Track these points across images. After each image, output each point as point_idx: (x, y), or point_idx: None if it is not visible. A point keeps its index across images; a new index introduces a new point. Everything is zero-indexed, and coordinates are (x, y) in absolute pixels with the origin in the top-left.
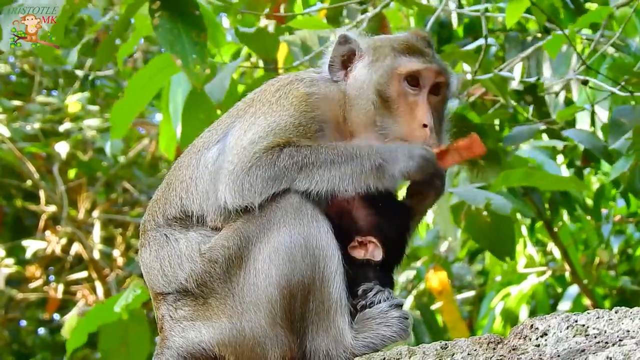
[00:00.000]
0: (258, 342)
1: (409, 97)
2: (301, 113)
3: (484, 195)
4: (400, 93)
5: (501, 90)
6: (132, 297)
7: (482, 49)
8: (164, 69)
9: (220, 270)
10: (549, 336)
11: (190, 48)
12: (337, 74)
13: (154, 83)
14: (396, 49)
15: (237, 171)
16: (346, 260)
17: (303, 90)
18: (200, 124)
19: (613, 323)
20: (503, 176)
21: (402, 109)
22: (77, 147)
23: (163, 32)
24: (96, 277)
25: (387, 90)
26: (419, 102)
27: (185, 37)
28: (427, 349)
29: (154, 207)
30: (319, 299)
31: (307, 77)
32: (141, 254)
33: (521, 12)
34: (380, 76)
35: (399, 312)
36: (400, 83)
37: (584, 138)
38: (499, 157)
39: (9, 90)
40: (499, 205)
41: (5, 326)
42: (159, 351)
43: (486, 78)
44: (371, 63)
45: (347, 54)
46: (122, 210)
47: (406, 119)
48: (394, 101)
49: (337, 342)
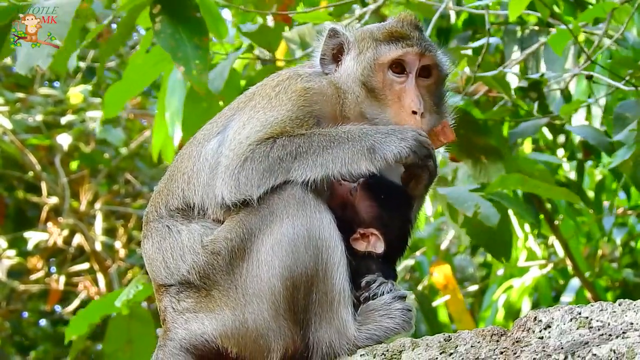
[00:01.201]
0: (261, 333)
1: (395, 85)
2: (299, 108)
3: (473, 200)
4: (386, 82)
5: (504, 88)
6: (133, 293)
7: (483, 47)
8: (164, 60)
9: (222, 262)
10: (553, 328)
11: (193, 53)
12: (329, 67)
13: (152, 70)
14: (377, 39)
15: (232, 166)
16: (348, 252)
17: (301, 85)
18: (203, 112)
19: (616, 315)
20: (499, 180)
21: (390, 98)
22: (79, 138)
23: (165, 37)
24: (98, 268)
25: (372, 82)
26: (406, 89)
27: (187, 42)
28: (431, 340)
29: (157, 199)
30: (322, 290)
31: (305, 72)
32: (144, 245)
33: (524, 6)
34: (364, 68)
35: (402, 304)
36: (385, 72)
37: (588, 133)
38: (501, 154)
39: (11, 82)
40: (487, 213)
41: (6, 318)
42: (162, 343)
43: (489, 75)
44: (356, 56)
45: (337, 47)
46: (124, 201)
47: (395, 107)
48: (381, 91)
49: (340, 334)
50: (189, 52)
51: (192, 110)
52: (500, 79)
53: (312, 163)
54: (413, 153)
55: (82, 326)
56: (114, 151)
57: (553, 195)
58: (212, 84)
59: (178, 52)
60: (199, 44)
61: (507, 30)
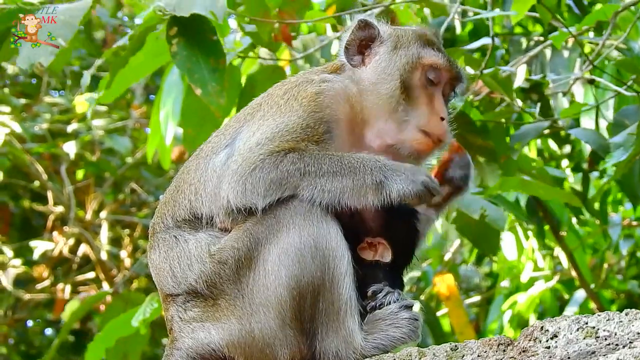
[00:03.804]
0: (267, 343)
1: (428, 88)
2: (309, 114)
3: (479, 203)
4: (422, 83)
5: (506, 89)
6: (149, 311)
7: (487, 48)
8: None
9: (229, 272)
10: (559, 338)
11: (209, 75)
12: (354, 58)
13: (153, 60)
14: (421, 39)
15: (241, 171)
16: (355, 261)
17: (312, 90)
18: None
19: (623, 325)
20: (499, 182)
21: (422, 99)
22: (85, 147)
23: (181, 59)
24: (103, 277)
25: (411, 78)
26: (435, 95)
27: (204, 64)
28: (437, 350)
29: (163, 210)
30: (328, 299)
31: (316, 77)
32: (150, 256)
33: (528, 6)
34: (406, 63)
35: (408, 313)
36: (423, 73)
37: (589, 137)
38: (496, 155)
39: (17, 91)
40: (494, 216)
41: (12, 327)
42: (169, 352)
43: (489, 74)
44: (395, 49)
45: (365, 38)
46: (130, 211)
47: (425, 109)
48: (416, 89)
49: (347, 343)
50: (206, 74)
51: (192, 107)
52: (502, 81)
53: (321, 187)
54: (417, 198)
55: (100, 350)
56: (119, 160)
57: (554, 196)
58: None
59: (195, 74)
60: (215, 66)
61: (513, 40)
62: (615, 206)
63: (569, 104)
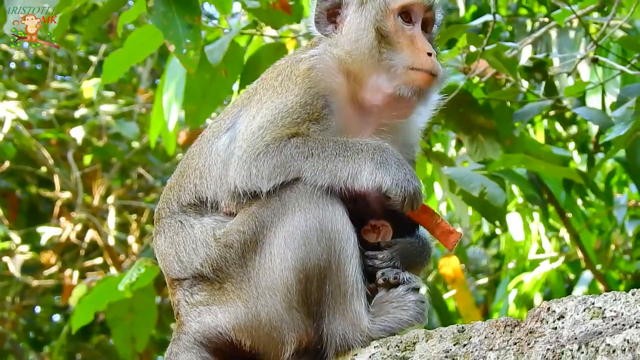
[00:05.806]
0: (274, 326)
1: (405, 30)
2: (305, 90)
3: (479, 180)
4: (397, 28)
5: (511, 70)
6: (136, 276)
7: (488, 25)
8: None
9: (235, 255)
10: (566, 319)
11: (184, 32)
12: (326, 28)
13: (152, 41)
14: None
15: (246, 157)
16: (359, 243)
17: (303, 67)
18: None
19: (630, 305)
20: (502, 158)
21: (403, 42)
22: (92, 132)
23: (157, 15)
24: (111, 263)
25: (385, 26)
26: (415, 35)
27: (179, 21)
28: (444, 332)
29: (168, 195)
30: (335, 282)
31: (304, 55)
32: (156, 241)
33: None
34: (376, 14)
35: (415, 295)
36: (395, 18)
37: (594, 116)
38: (498, 133)
39: (23, 77)
40: (493, 194)
41: (20, 313)
42: (176, 337)
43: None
44: (361, 5)
45: (331, 7)
46: (137, 196)
47: (408, 50)
48: (394, 35)
49: (353, 326)
50: (181, 31)
51: (194, 83)
52: (506, 61)
53: (324, 170)
54: (402, 197)
55: (88, 314)
56: (126, 145)
57: (556, 174)
58: (211, 55)
59: (170, 31)
60: (190, 23)
61: (517, 22)
62: (621, 187)
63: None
